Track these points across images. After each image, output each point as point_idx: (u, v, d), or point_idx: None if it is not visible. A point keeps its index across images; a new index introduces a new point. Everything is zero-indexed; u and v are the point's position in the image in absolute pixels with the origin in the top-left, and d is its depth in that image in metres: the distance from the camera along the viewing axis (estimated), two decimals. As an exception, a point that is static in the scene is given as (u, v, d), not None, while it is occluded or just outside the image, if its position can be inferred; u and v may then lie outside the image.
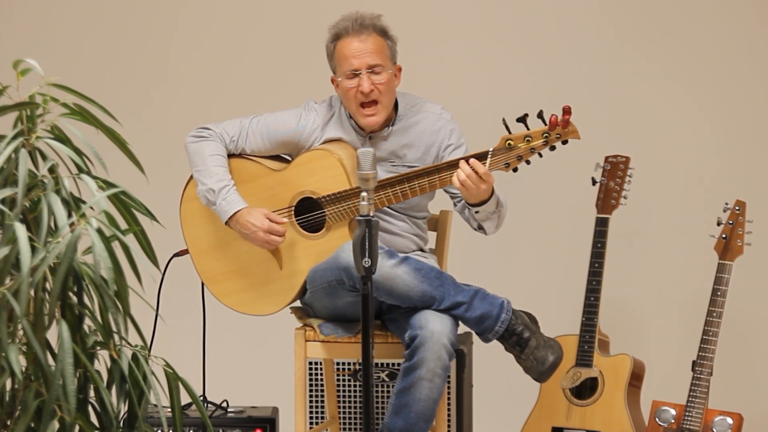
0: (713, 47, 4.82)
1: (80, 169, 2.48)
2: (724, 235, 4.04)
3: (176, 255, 3.98)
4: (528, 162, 3.61)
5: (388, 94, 3.75)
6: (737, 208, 4.04)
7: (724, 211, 4.06)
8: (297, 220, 3.79)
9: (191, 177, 3.87)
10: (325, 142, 3.82)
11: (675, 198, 4.85)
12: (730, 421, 4.00)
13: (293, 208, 3.79)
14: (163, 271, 3.95)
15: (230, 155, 3.85)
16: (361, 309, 3.18)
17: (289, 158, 3.90)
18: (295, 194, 3.78)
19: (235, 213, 3.74)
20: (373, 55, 3.72)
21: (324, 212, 3.75)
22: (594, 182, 4.19)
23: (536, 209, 4.85)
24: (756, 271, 4.56)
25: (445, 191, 3.86)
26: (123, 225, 2.50)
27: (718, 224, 4.06)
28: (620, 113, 4.83)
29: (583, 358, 4.12)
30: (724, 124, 4.84)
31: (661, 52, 4.86)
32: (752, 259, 4.15)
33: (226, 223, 3.76)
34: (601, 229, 4.16)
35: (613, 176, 4.18)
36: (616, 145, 4.28)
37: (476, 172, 3.55)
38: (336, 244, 3.68)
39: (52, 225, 2.40)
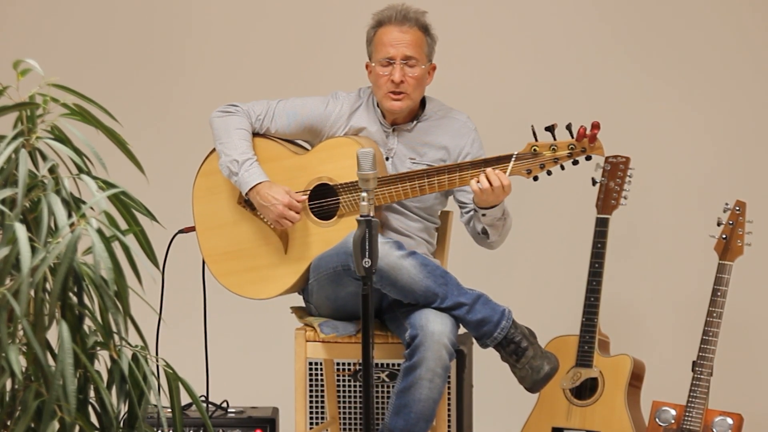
0: (713, 48, 4.83)
1: (80, 170, 2.48)
2: (724, 236, 4.04)
3: (182, 231, 3.96)
4: (549, 173, 3.64)
5: (418, 88, 3.79)
6: (737, 208, 4.05)
7: (724, 211, 4.06)
8: (310, 206, 3.79)
9: (211, 152, 3.87)
10: (349, 132, 3.84)
11: (675, 198, 4.85)
12: (730, 421, 4.00)
13: (308, 192, 3.79)
14: (167, 248, 3.92)
15: (254, 134, 3.86)
16: (361, 305, 3.18)
17: (308, 147, 3.91)
18: (312, 179, 3.79)
19: (257, 184, 3.75)
20: (410, 47, 3.76)
21: (338, 199, 3.76)
22: (594, 182, 4.19)
23: (536, 209, 4.85)
24: (756, 271, 4.56)
25: (456, 200, 3.87)
26: (123, 225, 2.50)
27: (718, 224, 4.06)
28: (620, 114, 4.84)
29: (583, 358, 4.12)
30: (724, 125, 4.84)
31: (661, 53, 4.86)
32: (752, 260, 4.15)
33: (246, 194, 3.77)
34: (601, 230, 4.16)
35: (613, 176, 4.18)
36: (616, 145, 4.27)
37: (501, 184, 3.57)
38: (345, 234, 3.68)
39: (52, 225, 2.40)
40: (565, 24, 4.91)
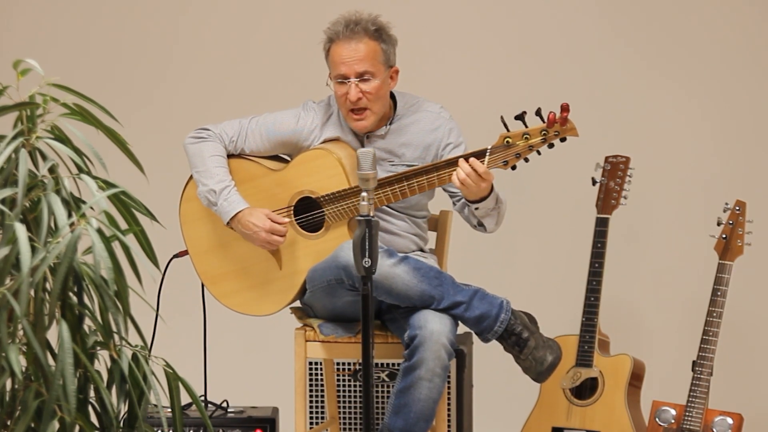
0: (713, 47, 4.83)
1: (80, 169, 2.48)
2: (724, 235, 4.04)
3: (176, 256, 3.98)
4: (527, 160, 3.61)
5: (379, 100, 3.74)
6: (737, 208, 4.04)
7: (724, 211, 4.06)
8: (296, 220, 3.79)
9: (190, 177, 3.87)
10: (324, 142, 3.83)
11: (675, 198, 4.85)
12: (730, 421, 4.00)
13: (292, 207, 3.79)
14: (163, 272, 3.94)
15: (229, 155, 3.86)
16: (360, 308, 3.18)
17: (288, 159, 3.90)
18: (294, 194, 3.78)
19: (237, 213, 3.74)
20: (362, 63, 3.71)
21: (323, 211, 3.75)
22: (594, 182, 4.19)
23: (536, 209, 4.85)
24: (756, 271, 4.56)
25: (445, 190, 3.85)
26: (123, 225, 2.50)
27: (718, 224, 4.06)
28: (620, 113, 4.84)
29: (583, 358, 4.12)
30: (724, 124, 4.84)
31: (661, 52, 4.86)
32: (752, 259, 4.15)
33: (228, 223, 3.77)
34: (601, 229, 4.16)
35: (613, 176, 4.18)
36: (616, 145, 4.28)
37: (476, 171, 3.55)
38: (335, 244, 3.68)
39: (52, 225, 2.40)
40: (565, 22, 4.91)
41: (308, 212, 3.78)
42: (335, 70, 3.74)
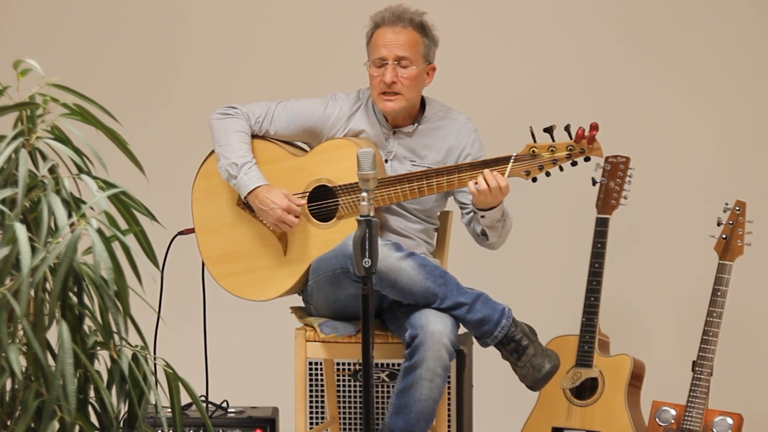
0: (713, 48, 4.83)
1: (80, 170, 2.48)
2: (724, 235, 4.04)
3: (181, 233, 3.96)
4: (548, 174, 3.64)
5: (413, 89, 3.79)
6: (737, 208, 4.05)
7: (724, 211, 4.06)
8: (309, 207, 3.79)
9: (210, 153, 3.88)
10: (348, 133, 3.84)
11: (675, 198, 4.85)
12: (730, 421, 4.00)
13: (307, 194, 3.79)
14: (166, 250, 3.92)
15: (253, 136, 3.87)
16: (361, 305, 3.18)
17: (307, 149, 3.91)
18: (311, 181, 3.79)
19: (256, 188, 3.75)
20: (402, 48, 3.77)
21: (337, 201, 3.76)
22: (594, 182, 4.19)
23: (536, 209, 4.85)
24: (756, 271, 4.56)
25: (456, 200, 3.87)
26: (123, 225, 2.50)
27: (718, 224, 4.06)
28: (620, 113, 4.84)
29: (583, 358, 4.12)
30: (724, 124, 4.85)
31: (661, 53, 4.86)
32: (752, 259, 4.15)
33: (245, 198, 3.77)
34: (601, 230, 4.16)
35: (613, 176, 4.18)
36: (616, 145, 4.28)
37: (498, 185, 3.58)
38: (344, 235, 3.68)
39: (52, 225, 2.40)
40: (566, 25, 4.91)
41: (323, 201, 3.79)
42: (375, 53, 3.79)
